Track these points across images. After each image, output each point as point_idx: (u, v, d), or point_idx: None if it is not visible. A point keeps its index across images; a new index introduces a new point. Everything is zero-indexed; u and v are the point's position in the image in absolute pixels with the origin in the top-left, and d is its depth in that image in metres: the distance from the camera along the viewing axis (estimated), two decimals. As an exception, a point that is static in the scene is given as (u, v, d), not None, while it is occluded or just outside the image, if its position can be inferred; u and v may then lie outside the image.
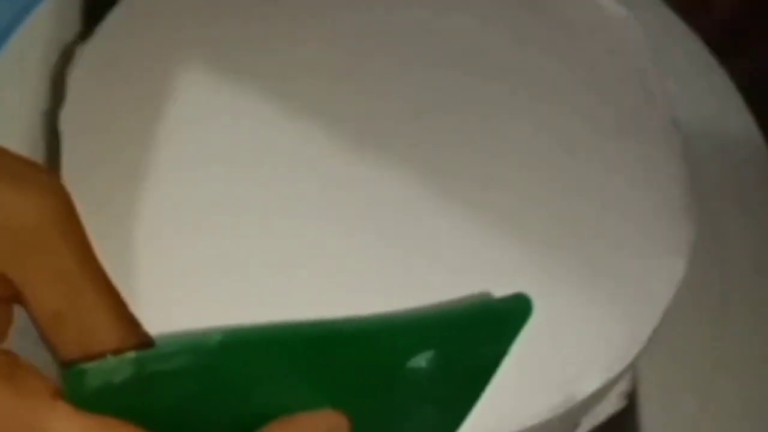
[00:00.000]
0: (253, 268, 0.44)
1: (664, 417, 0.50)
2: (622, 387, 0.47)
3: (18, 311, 0.37)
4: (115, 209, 0.45)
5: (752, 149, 0.54)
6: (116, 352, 0.35)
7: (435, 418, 0.40)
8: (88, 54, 0.49)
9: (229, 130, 0.48)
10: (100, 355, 0.35)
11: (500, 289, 0.42)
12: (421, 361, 0.38)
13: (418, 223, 0.46)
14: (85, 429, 0.34)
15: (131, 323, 0.36)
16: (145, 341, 0.36)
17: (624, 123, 0.49)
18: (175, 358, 0.35)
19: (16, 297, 0.35)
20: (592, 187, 0.47)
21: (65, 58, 0.51)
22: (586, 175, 0.47)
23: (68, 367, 0.35)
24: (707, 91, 0.55)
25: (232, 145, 0.47)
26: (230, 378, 0.36)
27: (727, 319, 0.51)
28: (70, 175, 0.46)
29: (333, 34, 0.50)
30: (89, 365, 0.35)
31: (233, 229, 0.45)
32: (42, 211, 0.35)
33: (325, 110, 0.48)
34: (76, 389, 0.34)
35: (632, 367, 0.45)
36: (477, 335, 0.39)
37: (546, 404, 0.42)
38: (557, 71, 0.50)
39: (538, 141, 0.48)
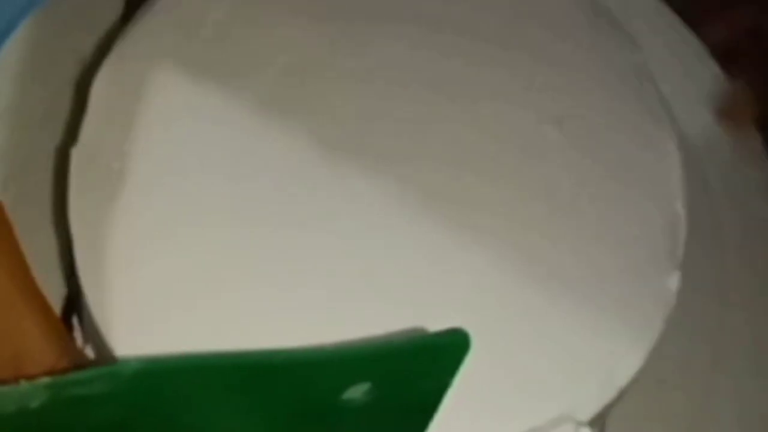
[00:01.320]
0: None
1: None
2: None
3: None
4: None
5: (750, 149, 0.54)
6: (50, 373, 0.35)
7: None
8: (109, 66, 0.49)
9: (221, 140, 0.48)
10: (34, 376, 0.34)
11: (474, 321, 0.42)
12: (356, 393, 0.38)
13: (395, 250, 0.46)
14: None
15: (64, 343, 0.36)
16: (81, 363, 0.36)
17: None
18: (91, 384, 0.35)
19: None
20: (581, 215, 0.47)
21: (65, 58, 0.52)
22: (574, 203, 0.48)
23: None
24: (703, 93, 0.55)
25: (220, 154, 0.48)
26: (153, 406, 0.36)
27: (726, 322, 0.51)
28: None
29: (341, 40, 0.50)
30: (2, 389, 0.34)
31: (204, 244, 0.46)
32: None
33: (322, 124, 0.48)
34: None
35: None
36: (412, 369, 0.39)
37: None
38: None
39: (527, 162, 0.48)
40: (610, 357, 0.45)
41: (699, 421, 0.50)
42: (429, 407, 0.39)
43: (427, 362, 0.39)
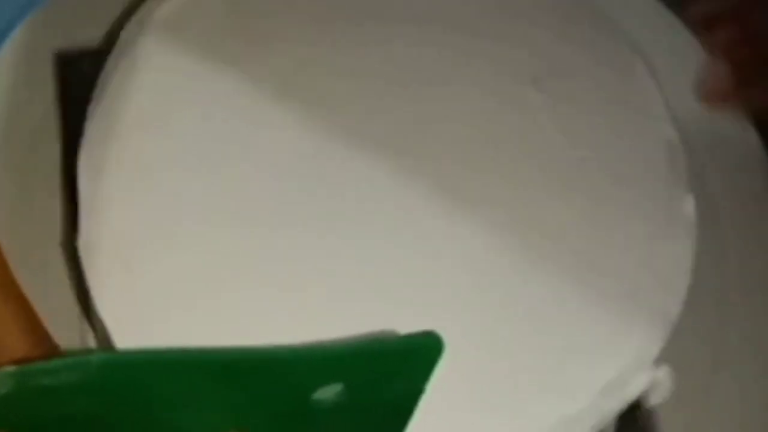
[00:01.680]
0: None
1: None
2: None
3: None
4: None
5: (749, 149, 0.54)
6: (22, 361, 0.35)
7: None
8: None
9: (221, 139, 0.48)
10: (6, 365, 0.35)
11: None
12: (328, 394, 0.38)
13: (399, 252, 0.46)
14: None
15: (39, 333, 0.36)
16: (53, 353, 0.36)
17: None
18: (58, 374, 0.35)
19: None
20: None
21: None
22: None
23: None
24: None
25: (221, 152, 0.48)
26: (122, 400, 0.36)
27: (727, 325, 0.51)
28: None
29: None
30: None
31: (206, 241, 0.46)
32: None
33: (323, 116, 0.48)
34: None
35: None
36: (384, 371, 0.39)
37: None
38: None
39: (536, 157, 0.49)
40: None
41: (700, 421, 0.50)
42: (403, 412, 0.39)
43: (399, 365, 0.39)
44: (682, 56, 0.54)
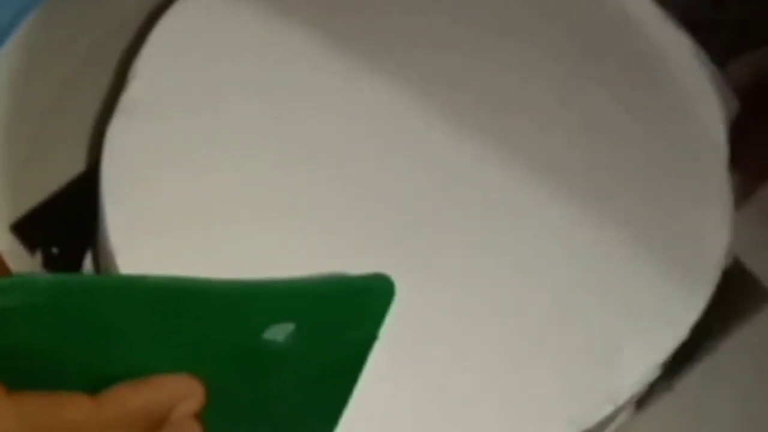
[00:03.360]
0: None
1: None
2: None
3: None
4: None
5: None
6: None
7: (304, 408, 0.39)
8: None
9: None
10: None
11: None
12: (278, 334, 0.37)
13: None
14: None
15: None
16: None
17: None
18: (4, 295, 0.34)
19: None
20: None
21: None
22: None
23: None
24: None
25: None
26: (70, 326, 0.35)
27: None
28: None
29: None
30: None
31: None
32: None
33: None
34: None
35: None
36: (336, 311, 0.38)
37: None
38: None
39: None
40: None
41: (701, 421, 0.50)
42: (356, 359, 0.38)
43: (351, 305, 0.38)
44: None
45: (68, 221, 0.50)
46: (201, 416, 0.37)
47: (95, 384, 0.35)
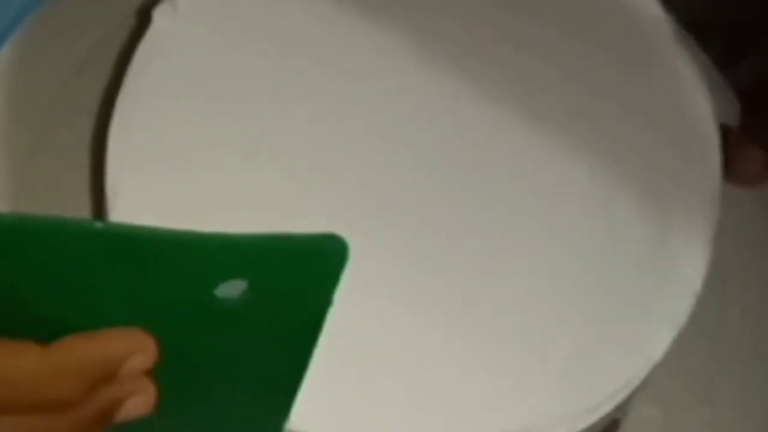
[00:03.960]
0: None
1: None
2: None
3: None
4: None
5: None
6: None
7: (262, 372, 0.39)
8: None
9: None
10: None
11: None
12: (232, 291, 0.36)
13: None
14: None
15: None
16: None
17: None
18: None
19: None
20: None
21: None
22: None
23: None
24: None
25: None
26: (18, 269, 0.35)
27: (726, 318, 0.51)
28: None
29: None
30: None
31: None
32: None
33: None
34: None
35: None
36: (289, 270, 0.37)
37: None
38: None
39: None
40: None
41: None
42: (312, 326, 0.38)
43: (304, 265, 0.37)
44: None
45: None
46: (154, 374, 0.37)
47: (47, 335, 0.35)
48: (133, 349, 0.36)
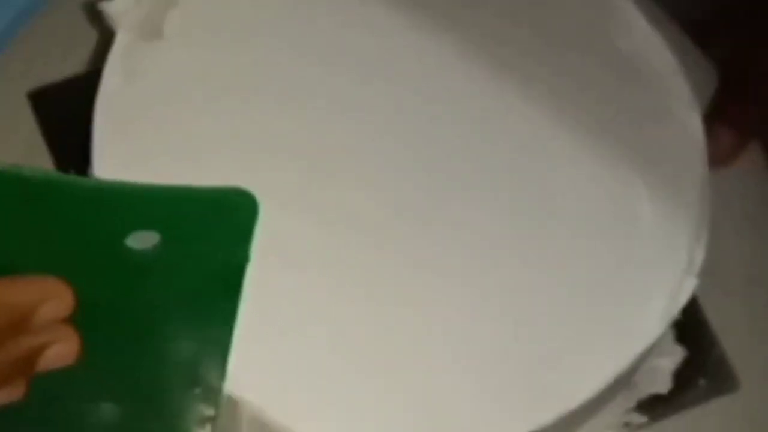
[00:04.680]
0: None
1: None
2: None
3: None
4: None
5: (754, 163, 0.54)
6: None
7: (187, 329, 0.39)
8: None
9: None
10: None
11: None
12: (144, 242, 0.37)
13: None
14: None
15: None
16: None
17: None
18: None
19: None
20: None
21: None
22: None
23: None
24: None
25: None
26: None
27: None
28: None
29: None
30: None
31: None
32: None
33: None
34: None
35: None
36: (199, 223, 0.37)
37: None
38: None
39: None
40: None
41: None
42: (231, 284, 0.38)
43: (212, 217, 0.37)
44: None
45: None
46: (75, 323, 0.36)
47: None
48: (47, 297, 0.36)
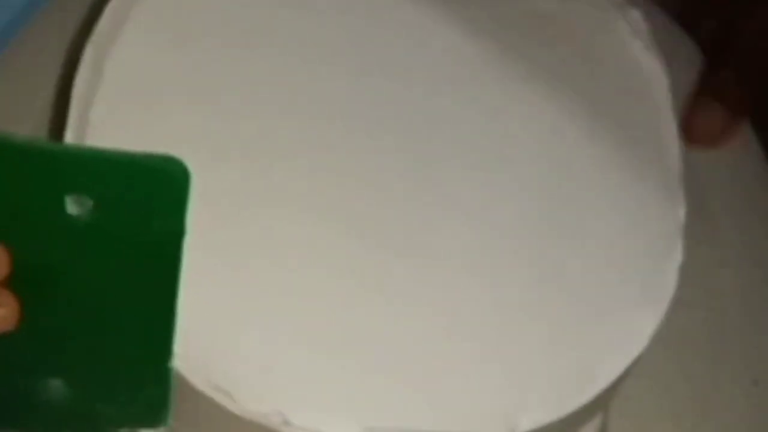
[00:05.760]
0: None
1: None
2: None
3: None
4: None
5: (746, 145, 0.54)
6: None
7: (126, 298, 0.39)
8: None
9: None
10: None
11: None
12: (79, 208, 0.37)
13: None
14: None
15: None
16: None
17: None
18: None
19: None
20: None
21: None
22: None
23: None
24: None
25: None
26: None
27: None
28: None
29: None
30: None
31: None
32: None
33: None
34: None
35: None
36: (130, 189, 0.37)
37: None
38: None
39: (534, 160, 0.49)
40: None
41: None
42: (168, 254, 0.38)
43: (145, 183, 0.37)
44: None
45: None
46: (13, 288, 0.36)
47: None
48: None
